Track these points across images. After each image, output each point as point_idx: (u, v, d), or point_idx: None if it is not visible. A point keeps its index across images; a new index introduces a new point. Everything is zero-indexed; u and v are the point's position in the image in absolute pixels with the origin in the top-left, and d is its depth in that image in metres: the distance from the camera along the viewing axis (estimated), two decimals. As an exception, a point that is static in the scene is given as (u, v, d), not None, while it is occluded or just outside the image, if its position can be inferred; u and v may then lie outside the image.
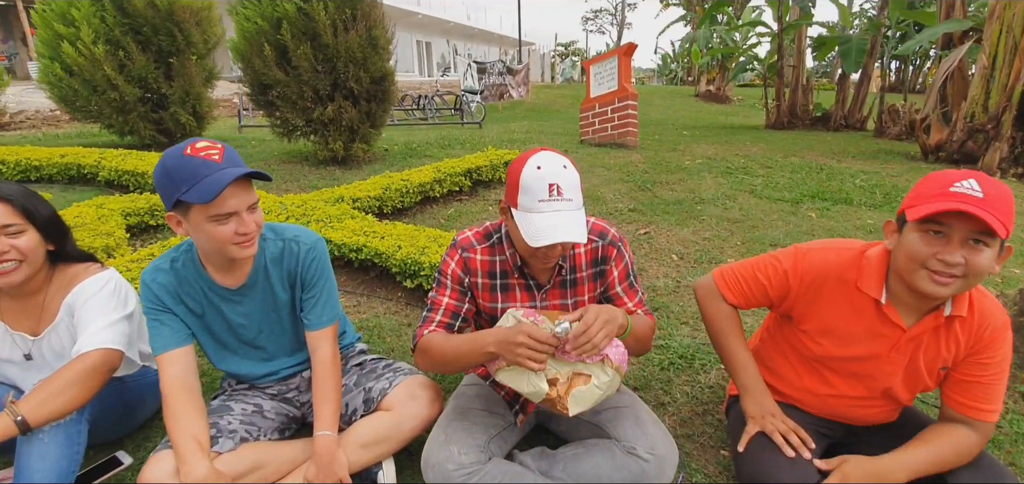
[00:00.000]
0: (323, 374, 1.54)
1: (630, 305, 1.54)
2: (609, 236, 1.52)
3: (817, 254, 1.42)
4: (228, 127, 9.26)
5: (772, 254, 1.50)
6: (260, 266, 1.53)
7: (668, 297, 2.89)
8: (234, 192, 1.31)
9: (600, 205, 4.48)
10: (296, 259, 1.55)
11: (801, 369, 1.53)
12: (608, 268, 1.53)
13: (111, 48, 5.36)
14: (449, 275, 1.52)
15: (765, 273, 1.49)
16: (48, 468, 1.36)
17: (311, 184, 4.77)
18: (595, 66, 7.12)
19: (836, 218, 4.26)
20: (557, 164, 1.29)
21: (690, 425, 1.91)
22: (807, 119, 10.61)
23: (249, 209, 1.37)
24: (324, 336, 1.57)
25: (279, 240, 1.56)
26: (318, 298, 1.58)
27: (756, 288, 1.51)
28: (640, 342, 1.51)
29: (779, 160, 6.37)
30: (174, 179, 1.28)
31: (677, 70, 32.22)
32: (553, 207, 1.27)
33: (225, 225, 1.33)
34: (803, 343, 1.47)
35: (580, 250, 1.52)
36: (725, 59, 17.96)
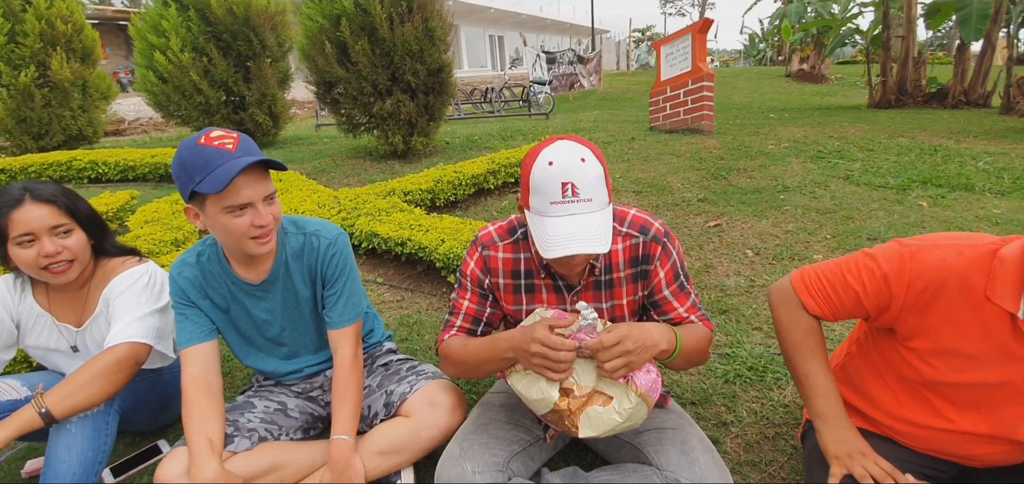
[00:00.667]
0: (343, 375, 1.46)
1: (681, 311, 1.32)
2: (652, 231, 1.29)
3: (931, 253, 1.07)
4: (307, 127, 9.76)
5: (866, 252, 1.17)
6: (281, 261, 1.47)
7: (739, 298, 2.54)
8: (248, 182, 1.25)
9: (665, 195, 4.12)
10: (316, 254, 1.48)
11: (903, 395, 1.19)
12: (652, 269, 1.30)
13: (196, 55, 5.77)
14: (468, 276, 1.37)
15: (858, 277, 1.15)
16: (74, 459, 1.37)
17: (371, 178, 4.82)
18: (666, 46, 6.64)
19: (954, 208, 3.61)
20: (573, 156, 1.09)
21: (756, 451, 1.62)
22: (919, 96, 9.33)
23: (265, 201, 1.30)
24: (345, 335, 1.49)
25: (300, 234, 1.50)
26: (339, 295, 1.49)
27: (847, 296, 1.18)
28: (691, 359, 1.28)
29: (883, 141, 5.59)
30: (188, 169, 1.24)
31: (766, 50, 29.93)
32: (568, 210, 1.08)
33: (240, 217, 1.27)
34: (908, 363, 1.15)
35: (617, 246, 1.30)
36: (821, 34, 16.37)
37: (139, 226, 3.40)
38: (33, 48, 6.55)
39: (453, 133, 7.13)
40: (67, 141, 6.90)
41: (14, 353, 1.62)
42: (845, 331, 2.23)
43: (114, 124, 9.88)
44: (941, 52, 20.44)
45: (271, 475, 1.42)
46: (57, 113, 6.77)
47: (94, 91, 7.13)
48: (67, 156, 5.36)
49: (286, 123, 7.14)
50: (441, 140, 6.35)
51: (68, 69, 6.73)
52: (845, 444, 1.18)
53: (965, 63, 9.00)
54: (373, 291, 2.94)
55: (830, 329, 2.23)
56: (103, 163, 5.20)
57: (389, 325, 2.54)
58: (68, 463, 1.36)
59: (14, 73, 6.46)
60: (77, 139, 7.02)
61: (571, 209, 1.08)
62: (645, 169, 4.85)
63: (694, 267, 2.89)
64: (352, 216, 3.37)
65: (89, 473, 1.39)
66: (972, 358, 1.05)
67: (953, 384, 1.09)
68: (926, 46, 12.14)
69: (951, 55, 10.39)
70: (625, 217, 1.30)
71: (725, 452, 1.61)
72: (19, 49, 6.50)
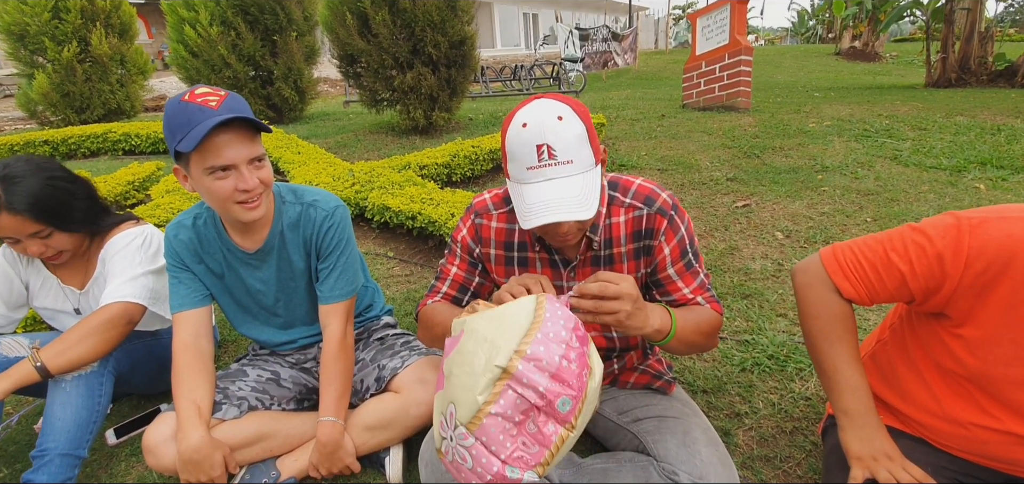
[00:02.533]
0: (331, 354, 1.41)
1: (685, 292, 1.18)
2: (657, 202, 1.16)
3: (996, 226, 0.89)
4: (335, 103, 9.84)
5: (913, 227, 0.99)
6: (277, 231, 1.42)
7: (764, 282, 2.36)
8: (231, 142, 1.19)
9: (692, 173, 3.90)
10: (313, 225, 1.43)
11: (942, 390, 1.03)
12: (656, 244, 1.16)
13: (224, 29, 5.83)
14: (459, 242, 1.29)
15: (904, 254, 0.97)
16: (69, 416, 1.39)
17: (390, 153, 4.77)
18: (702, 18, 6.30)
19: (1017, 191, 3.27)
20: (548, 115, 0.97)
21: (772, 446, 1.49)
22: (983, 74, 8.59)
23: (252, 164, 1.24)
24: (335, 312, 1.44)
25: (297, 204, 1.44)
26: (332, 269, 1.44)
27: (890, 277, 1.00)
28: (691, 344, 1.14)
29: (938, 121, 5.16)
30: (172, 127, 1.19)
31: (815, 27, 28.39)
32: (545, 175, 0.98)
33: (223, 180, 1.21)
34: (952, 353, 0.98)
35: (619, 218, 1.17)
36: (876, 8, 15.33)
37: (160, 195, 3.44)
38: (75, 24, 6.77)
39: (478, 110, 7.02)
40: (107, 115, 7.14)
41: (25, 312, 1.67)
42: (871, 316, 2.03)
43: (154, 101, 10.22)
44: (1012, 29, 18.90)
45: (259, 444, 1.40)
46: (97, 88, 7.00)
47: (132, 66, 7.35)
48: (103, 128, 5.53)
49: (313, 98, 7.18)
50: (464, 116, 6.25)
51: (107, 44, 6.93)
52: (870, 444, 1.03)
53: (1039, 37, 8.24)
54: (383, 265, 2.88)
55: (859, 313, 2.04)
56: (136, 135, 5.34)
57: (395, 299, 2.49)
58: (63, 420, 1.38)
59: (58, 49, 6.70)
60: (116, 113, 7.26)
61: (549, 173, 0.97)
62: (673, 147, 4.62)
63: (717, 249, 2.71)
64: (366, 189, 3.32)
65: (84, 431, 1.41)
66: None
67: (1004, 379, 0.93)
68: (995, 22, 11.20)
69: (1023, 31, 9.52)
70: (629, 187, 1.18)
71: (736, 445, 1.49)
72: (62, 26, 6.73)
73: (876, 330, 1.28)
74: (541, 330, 0.84)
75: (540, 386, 0.82)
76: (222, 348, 2.14)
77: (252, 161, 1.23)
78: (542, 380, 0.82)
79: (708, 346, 1.20)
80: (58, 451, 1.35)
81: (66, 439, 1.37)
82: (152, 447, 1.32)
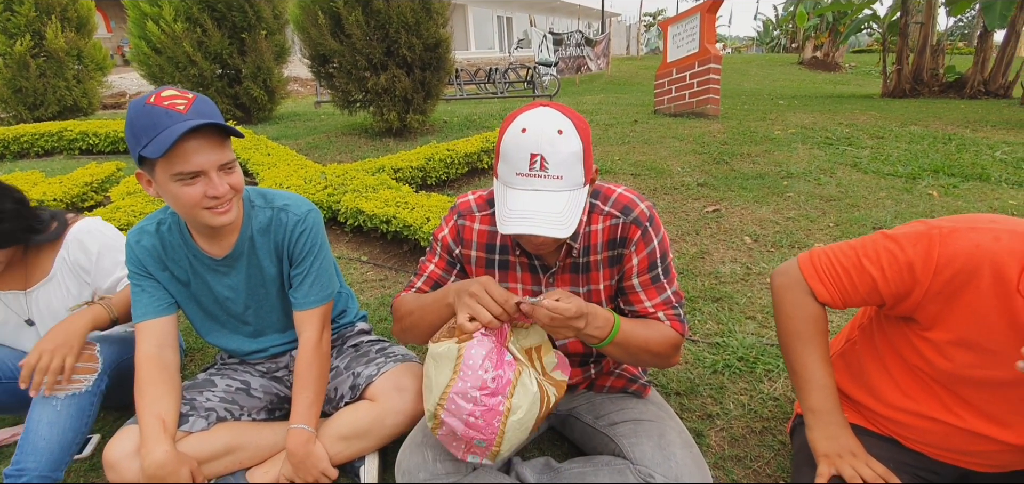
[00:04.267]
0: (305, 360, 1.37)
1: (647, 305, 1.17)
2: (634, 212, 1.16)
3: (965, 237, 0.94)
4: (306, 104, 9.64)
5: (886, 234, 1.04)
6: (246, 236, 1.37)
7: (734, 286, 2.42)
8: (200, 148, 1.14)
9: (664, 178, 3.98)
10: (284, 230, 1.38)
11: (910, 387, 1.08)
12: (627, 253, 1.17)
13: (190, 25, 5.64)
14: (440, 241, 1.29)
15: (876, 261, 1.03)
16: (55, 437, 1.33)
17: (363, 156, 4.70)
18: (674, 26, 6.44)
19: (966, 198, 3.44)
20: (549, 126, 0.97)
21: (742, 446, 1.52)
22: (935, 85, 9.03)
23: (222, 169, 1.19)
24: (310, 318, 1.40)
25: (268, 208, 1.39)
26: (306, 275, 1.40)
27: (862, 282, 1.05)
28: (634, 355, 1.13)
29: (894, 129, 5.40)
30: (135, 130, 1.13)
31: (780, 37, 29.33)
32: (532, 185, 0.98)
33: (191, 186, 1.16)
34: (921, 354, 1.04)
35: (597, 227, 1.17)
36: (836, 20, 15.95)
37: (121, 197, 3.31)
38: (28, 17, 6.45)
39: (453, 112, 6.99)
40: (62, 112, 6.83)
41: None
42: (840, 319, 2.10)
43: (114, 97, 9.82)
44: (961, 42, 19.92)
45: (228, 457, 1.35)
46: (52, 83, 6.69)
47: (89, 62, 7.05)
48: (58, 126, 5.28)
49: (283, 98, 7.02)
50: (439, 119, 6.21)
51: (62, 38, 6.63)
52: (836, 442, 1.07)
53: (986, 52, 8.70)
54: (356, 270, 2.84)
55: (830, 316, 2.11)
56: (94, 134, 5.11)
57: (369, 305, 2.45)
58: (48, 441, 1.32)
59: (9, 42, 6.38)
60: (72, 110, 6.95)
61: (536, 184, 0.97)
62: (645, 152, 4.70)
63: (689, 253, 2.77)
64: (338, 192, 3.27)
65: (66, 453, 1.35)
66: (994, 354, 0.93)
67: (969, 380, 0.98)
68: (946, 35, 11.78)
69: (972, 45, 10.04)
70: (610, 195, 1.19)
71: (709, 446, 1.52)
72: (14, 18, 6.41)
73: (845, 330, 1.33)
74: (455, 387, 1.02)
75: (457, 431, 1.03)
76: (189, 357, 2.07)
77: (222, 167, 1.19)
78: (459, 426, 1.03)
79: (659, 363, 1.19)
80: (37, 472, 1.28)
81: (47, 460, 1.30)
82: (114, 463, 1.25)
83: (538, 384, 1.08)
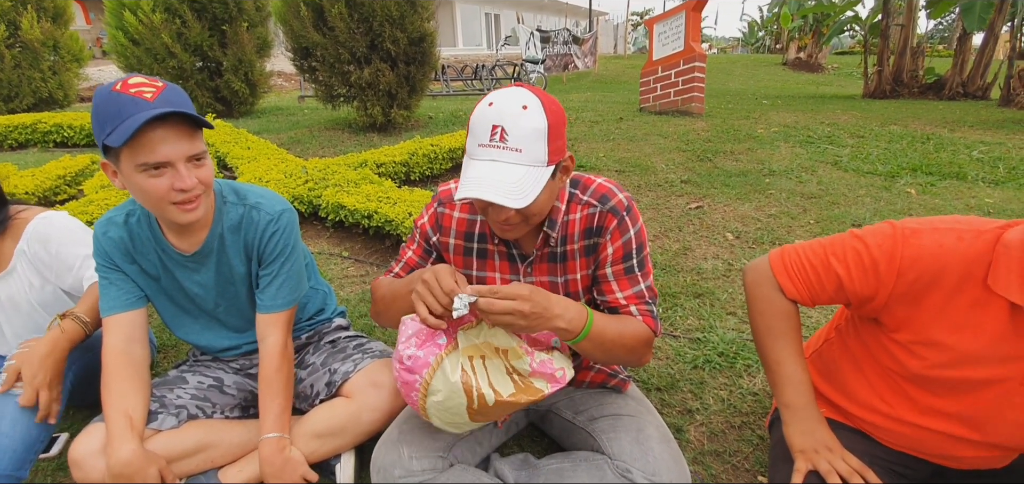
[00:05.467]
0: (270, 368, 1.32)
1: (619, 296, 1.15)
2: (612, 201, 1.14)
3: (929, 237, 0.95)
4: (290, 98, 9.51)
5: (855, 233, 1.04)
6: (217, 233, 1.32)
7: (715, 282, 2.43)
8: (167, 138, 1.09)
9: (648, 175, 3.99)
10: (255, 229, 1.33)
11: (882, 388, 1.09)
12: (602, 241, 1.15)
13: (169, 16, 5.52)
14: (419, 228, 1.29)
15: (843, 260, 1.03)
16: (18, 435, 1.28)
17: (346, 150, 4.65)
18: (659, 25, 6.46)
19: (943, 196, 3.50)
20: (514, 102, 0.97)
21: (721, 441, 1.53)
22: (915, 87, 9.20)
23: (190, 161, 1.14)
24: (275, 322, 1.35)
25: (240, 205, 1.34)
26: (274, 277, 1.35)
27: (828, 280, 1.06)
28: (608, 351, 1.11)
29: (874, 129, 5.48)
30: (100, 118, 1.09)
31: (764, 38, 29.64)
32: (490, 155, 0.98)
33: (157, 179, 1.11)
34: (891, 354, 1.04)
35: (574, 215, 1.16)
36: (819, 22, 16.16)
37: (94, 191, 3.23)
38: (3, 7, 6.27)
39: (438, 108, 6.94)
40: (37, 104, 6.65)
41: None
42: (821, 317, 2.12)
43: (91, 89, 9.58)
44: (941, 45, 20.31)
45: (199, 455, 1.32)
46: (27, 75, 6.51)
47: (66, 53, 6.87)
48: (32, 118, 5.14)
49: (265, 92, 6.91)
50: (424, 114, 6.16)
51: (38, 29, 6.46)
52: (812, 437, 1.07)
53: (965, 54, 8.87)
54: (337, 265, 2.80)
55: (807, 315, 2.13)
56: (69, 126, 4.99)
57: (350, 301, 2.42)
58: (11, 438, 1.27)
59: (-18, 32, 6.19)
60: (48, 102, 6.78)
61: (494, 154, 0.97)
62: (630, 149, 4.71)
63: (672, 249, 2.77)
64: (319, 186, 3.21)
65: (30, 452, 1.31)
66: (963, 354, 0.94)
67: (939, 380, 0.99)
68: (926, 38, 12.00)
69: (951, 48, 10.25)
70: (590, 185, 1.17)
71: (688, 441, 1.52)
72: (-13, 7, 6.23)
73: (823, 329, 1.33)
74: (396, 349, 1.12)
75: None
76: (161, 354, 2.02)
77: (190, 158, 1.13)
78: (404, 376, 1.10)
79: (631, 361, 1.17)
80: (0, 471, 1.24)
81: (10, 459, 1.25)
82: (79, 461, 1.21)
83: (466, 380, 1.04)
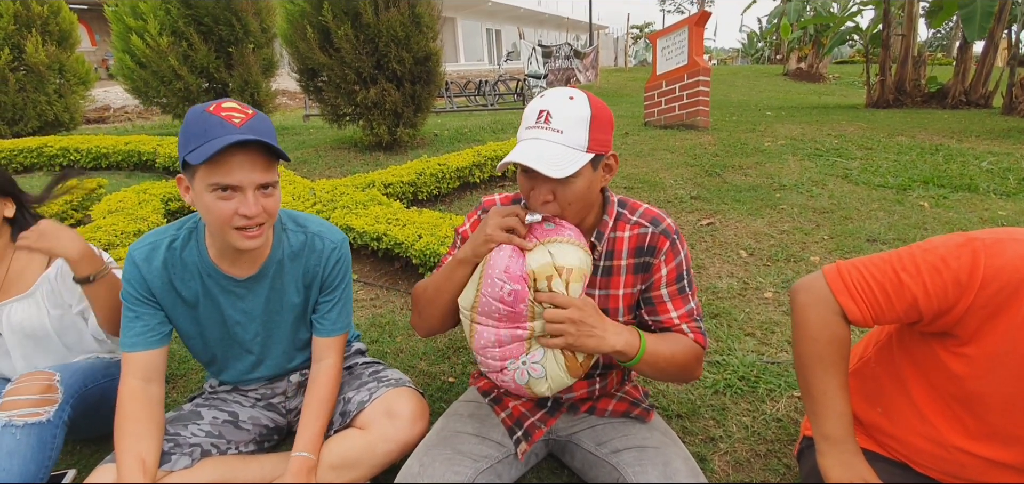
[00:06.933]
0: (326, 387, 1.37)
1: (673, 315, 1.21)
2: (663, 224, 1.22)
3: (1010, 248, 0.89)
4: (295, 117, 9.55)
5: (922, 247, 0.98)
6: (276, 259, 1.33)
7: (731, 301, 2.39)
8: (243, 163, 1.10)
9: (657, 192, 3.96)
10: (319, 257, 1.37)
11: (930, 410, 1.02)
12: (656, 262, 1.21)
13: (175, 39, 5.55)
14: (459, 234, 1.33)
15: (918, 277, 0.95)
16: (15, 467, 1.25)
17: (353, 170, 4.64)
18: (662, 39, 6.47)
19: (957, 209, 3.46)
20: (563, 94, 1.10)
21: (747, 470, 1.48)
22: (918, 96, 9.19)
23: (260, 190, 1.14)
24: (333, 346, 1.41)
25: (301, 232, 1.37)
26: (335, 303, 1.40)
27: (900, 300, 0.97)
28: (663, 371, 1.17)
29: (882, 140, 5.45)
30: (187, 134, 1.11)
31: (764, 49, 29.78)
32: (534, 134, 1.08)
33: (226, 201, 1.12)
34: (950, 371, 0.97)
35: (623, 233, 1.22)
36: (819, 32, 16.24)
37: (102, 216, 3.21)
38: (7, 30, 6.31)
39: (443, 125, 6.95)
40: (43, 127, 6.67)
41: None
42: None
43: (97, 112, 9.65)
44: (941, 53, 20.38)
45: None
46: (32, 98, 6.54)
47: (71, 76, 6.90)
48: (38, 142, 5.15)
49: (271, 112, 6.92)
50: (429, 132, 6.17)
51: (44, 52, 6.50)
52: (850, 470, 1.02)
53: (966, 63, 8.86)
54: (346, 288, 2.77)
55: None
56: (75, 150, 4.99)
57: (361, 325, 2.39)
58: (7, 471, 1.24)
59: (-12, 56, 6.23)
60: (53, 125, 6.79)
61: (538, 134, 1.07)
62: (637, 165, 4.69)
63: (685, 267, 2.74)
64: (328, 208, 3.20)
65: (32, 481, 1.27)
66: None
67: (998, 400, 0.93)
68: (926, 46, 12.02)
69: (951, 56, 10.27)
70: (637, 208, 1.26)
71: (712, 471, 1.48)
72: (-7, 31, 6.27)
73: (858, 346, 1.26)
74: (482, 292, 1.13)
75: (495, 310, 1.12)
76: (171, 384, 1.99)
77: (260, 187, 1.14)
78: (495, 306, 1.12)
79: (684, 378, 1.22)
80: None
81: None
82: None
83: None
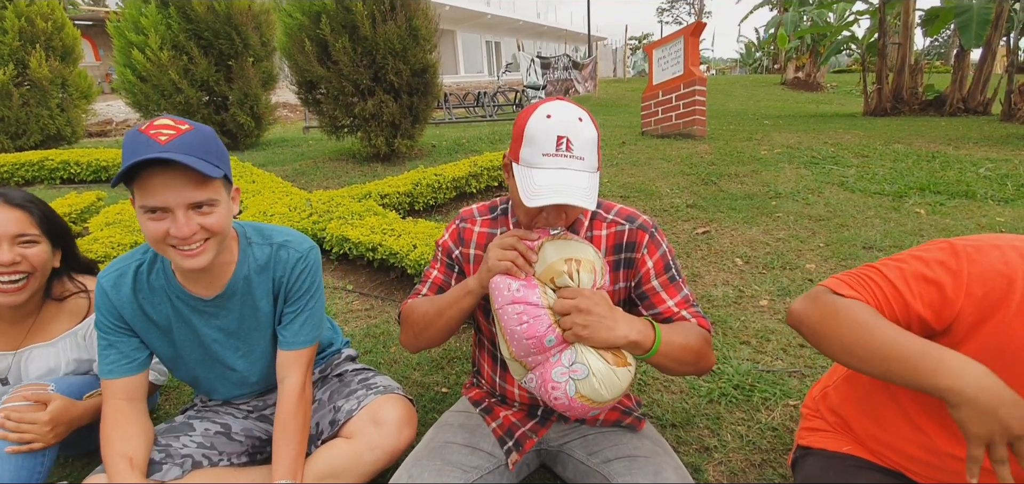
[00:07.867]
0: (289, 408, 1.29)
1: (671, 304, 1.21)
2: (639, 220, 1.25)
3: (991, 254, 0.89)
4: (295, 130, 9.60)
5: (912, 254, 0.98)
6: (242, 275, 1.30)
7: (727, 309, 2.39)
8: (168, 184, 1.07)
9: (653, 200, 3.97)
10: (284, 267, 1.33)
11: (921, 417, 1.02)
12: (639, 257, 1.22)
13: (176, 53, 5.61)
14: (441, 246, 1.35)
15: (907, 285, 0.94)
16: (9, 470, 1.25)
17: (351, 181, 4.66)
18: (658, 50, 6.52)
19: (954, 216, 3.46)
20: (571, 114, 1.08)
21: (741, 480, 1.47)
22: (915, 104, 9.22)
23: (191, 208, 1.10)
24: (297, 360, 1.33)
25: (266, 245, 1.33)
26: (298, 314, 1.34)
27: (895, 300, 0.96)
28: (680, 360, 1.14)
29: (878, 148, 5.46)
30: (123, 153, 1.09)
31: (762, 58, 29.94)
32: (558, 163, 1.06)
33: (157, 222, 1.09)
34: None
35: (601, 232, 1.23)
36: (816, 42, 16.33)
37: (99, 228, 3.22)
38: (12, 46, 6.38)
39: (441, 136, 6.98)
40: (45, 141, 6.72)
41: None
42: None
43: (99, 125, 9.71)
44: (938, 61, 20.46)
45: None
46: (35, 112, 6.59)
47: (74, 90, 6.96)
48: (39, 156, 5.18)
49: (270, 125, 6.98)
50: (427, 143, 6.20)
51: (47, 67, 6.56)
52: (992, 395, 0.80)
53: (963, 70, 8.91)
54: (342, 299, 2.77)
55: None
56: (75, 163, 5.02)
57: (355, 336, 2.38)
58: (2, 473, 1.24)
59: (-8, 71, 6.29)
60: (56, 139, 6.84)
61: (562, 163, 1.06)
62: (634, 174, 4.70)
63: (680, 276, 2.74)
64: (324, 219, 3.21)
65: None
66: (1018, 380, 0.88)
67: None
68: (923, 54, 12.08)
69: (949, 64, 10.32)
70: (612, 207, 1.27)
71: (707, 480, 1.47)
72: (-2, 47, 6.34)
73: None
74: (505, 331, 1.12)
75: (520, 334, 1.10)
76: (164, 396, 1.99)
77: (193, 206, 1.11)
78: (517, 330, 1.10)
79: (701, 365, 1.17)
80: None
81: None
82: None
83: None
